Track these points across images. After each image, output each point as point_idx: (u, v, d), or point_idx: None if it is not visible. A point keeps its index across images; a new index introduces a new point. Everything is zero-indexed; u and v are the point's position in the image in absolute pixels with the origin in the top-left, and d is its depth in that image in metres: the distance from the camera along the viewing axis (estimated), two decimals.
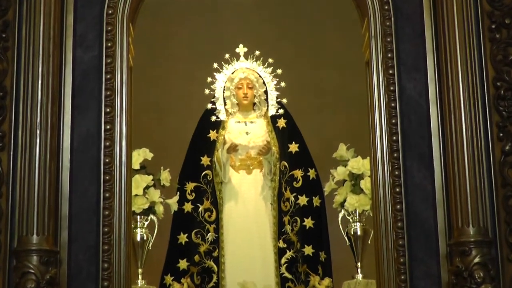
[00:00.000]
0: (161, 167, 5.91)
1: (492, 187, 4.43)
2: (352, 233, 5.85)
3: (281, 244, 6.06)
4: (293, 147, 6.30)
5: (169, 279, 6.06)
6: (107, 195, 4.48)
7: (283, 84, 6.39)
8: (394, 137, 4.56)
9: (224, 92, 6.39)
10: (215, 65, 6.39)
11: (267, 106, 6.38)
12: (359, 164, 5.81)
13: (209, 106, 6.38)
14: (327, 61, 7.67)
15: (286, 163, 6.22)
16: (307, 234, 6.12)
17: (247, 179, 6.22)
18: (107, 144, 4.54)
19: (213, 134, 6.31)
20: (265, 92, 6.38)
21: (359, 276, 5.78)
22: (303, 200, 6.16)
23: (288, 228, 6.10)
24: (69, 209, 4.46)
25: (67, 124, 4.54)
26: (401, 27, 4.68)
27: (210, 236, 6.09)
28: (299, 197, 6.16)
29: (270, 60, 6.40)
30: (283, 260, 6.03)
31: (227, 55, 6.40)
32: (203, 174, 6.22)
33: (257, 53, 6.41)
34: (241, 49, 6.45)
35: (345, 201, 5.84)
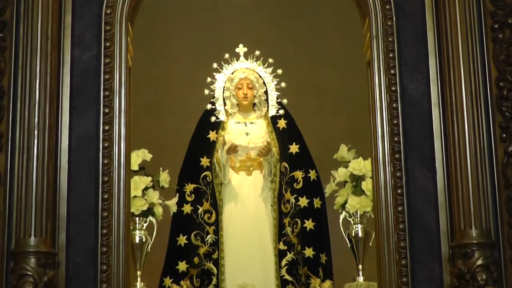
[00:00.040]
0: (160, 168, 5.89)
1: (495, 188, 4.42)
2: (353, 235, 5.83)
3: (282, 246, 6.04)
4: (294, 148, 6.28)
5: (168, 281, 6.04)
6: (105, 197, 4.47)
7: (283, 84, 6.38)
8: (395, 138, 4.55)
9: (224, 92, 6.37)
10: (215, 65, 6.37)
11: (267, 106, 6.36)
12: (360, 165, 5.81)
13: (209, 106, 6.37)
14: (328, 61, 7.67)
15: (286, 164, 6.20)
16: (307, 236, 6.10)
17: (247, 181, 6.21)
18: (106, 145, 4.52)
19: (212, 135, 6.29)
20: (265, 92, 6.37)
21: (360, 278, 5.77)
22: (303, 201, 6.14)
23: (288, 230, 6.08)
24: (67, 210, 4.44)
25: (65, 124, 4.53)
26: (403, 27, 4.67)
27: (209, 238, 6.07)
28: (299, 198, 6.14)
29: (270, 60, 6.38)
30: (284, 262, 6.01)
31: (227, 55, 6.39)
32: (202, 175, 6.20)
33: (257, 53, 6.40)
34: (241, 49, 6.44)
35: (346, 202, 5.83)
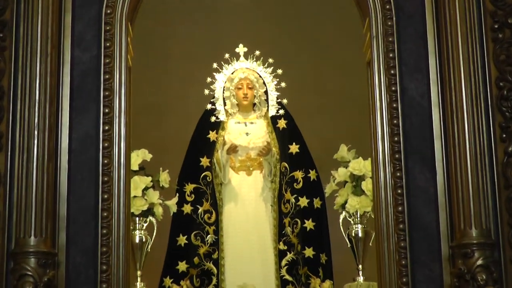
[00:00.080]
0: (160, 168, 5.88)
1: (495, 188, 4.41)
2: (353, 235, 5.82)
3: (282, 246, 6.03)
4: (294, 148, 6.28)
5: (168, 281, 6.04)
6: (105, 197, 4.46)
7: (283, 84, 6.38)
8: (395, 138, 4.54)
9: (223, 92, 6.37)
10: (215, 65, 6.37)
11: (267, 106, 6.36)
12: (360, 165, 5.80)
13: (209, 106, 6.36)
14: (328, 61, 7.66)
15: (286, 164, 6.20)
16: (307, 236, 6.10)
17: (247, 181, 6.20)
18: (106, 145, 4.51)
19: (212, 135, 6.29)
20: (265, 92, 6.37)
21: (360, 278, 5.75)
22: (303, 201, 6.14)
23: (288, 230, 6.08)
24: (67, 210, 4.44)
25: (65, 125, 4.52)
26: (403, 27, 4.67)
27: (209, 238, 6.07)
28: (299, 198, 6.14)
29: (270, 60, 6.38)
30: (284, 262, 6.01)
31: (227, 55, 6.39)
32: (202, 175, 6.20)
33: (257, 53, 6.40)
34: (241, 49, 6.43)
35: (346, 202, 5.81)
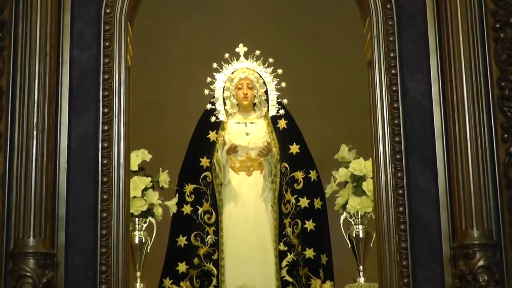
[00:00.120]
0: (160, 169, 5.87)
1: (496, 189, 4.40)
2: (354, 235, 5.82)
3: (282, 247, 6.03)
4: (294, 148, 6.27)
5: (168, 282, 6.03)
6: (105, 197, 4.45)
7: (283, 84, 6.37)
8: (396, 138, 4.54)
9: (223, 92, 6.36)
10: (215, 65, 6.36)
11: (268, 106, 6.35)
12: (361, 165, 5.79)
13: (209, 106, 6.36)
14: (329, 61, 7.65)
15: (286, 165, 6.19)
16: (308, 236, 6.09)
17: (247, 181, 6.20)
18: (105, 145, 4.50)
19: (212, 135, 6.28)
20: (266, 92, 6.36)
21: (361, 279, 5.74)
22: (304, 202, 6.13)
23: (289, 230, 6.07)
24: (66, 211, 4.43)
25: (64, 125, 4.51)
26: (404, 27, 4.66)
27: (209, 238, 6.06)
28: (300, 199, 6.13)
29: (270, 60, 6.38)
30: (284, 263, 6.00)
31: (227, 55, 6.38)
32: (202, 175, 6.19)
33: (257, 52, 6.39)
34: (241, 49, 6.43)
35: (347, 203, 5.81)
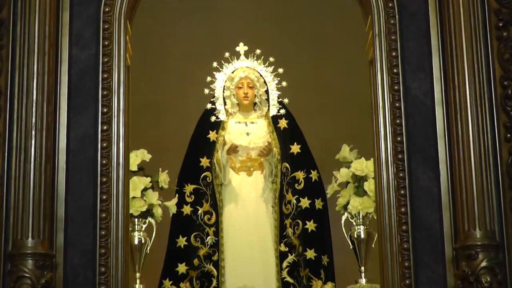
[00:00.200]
0: (159, 169, 5.86)
1: (499, 189, 4.40)
2: (355, 236, 5.81)
3: (283, 247, 6.01)
4: (295, 148, 6.25)
5: (167, 283, 6.02)
6: (104, 197, 4.44)
7: (284, 83, 6.36)
8: (398, 138, 4.53)
9: (224, 91, 6.35)
10: (215, 64, 6.35)
11: (268, 106, 6.33)
12: (363, 165, 5.78)
13: (209, 106, 6.35)
14: (330, 60, 7.65)
15: (287, 165, 6.18)
16: (309, 237, 6.07)
17: (248, 181, 6.18)
18: (104, 145, 4.49)
19: (212, 134, 6.26)
20: (266, 91, 6.34)
21: (363, 280, 5.73)
22: (305, 202, 6.11)
23: (289, 231, 6.06)
24: (65, 211, 4.42)
25: (63, 124, 4.50)
26: (406, 25, 4.65)
27: (209, 239, 6.05)
28: (301, 199, 6.12)
29: (271, 59, 6.36)
30: (285, 264, 5.99)
31: (227, 54, 6.37)
32: (202, 176, 6.17)
33: (258, 51, 6.37)
34: (242, 48, 6.42)
35: (348, 203, 5.80)
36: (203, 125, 6.33)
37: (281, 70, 6.33)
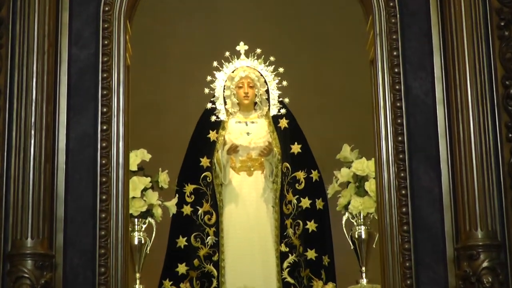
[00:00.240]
0: (159, 169, 5.85)
1: (501, 189, 4.39)
2: (356, 236, 5.79)
3: (283, 248, 6.01)
4: (296, 148, 6.24)
5: (167, 283, 6.01)
6: (103, 198, 4.43)
7: (285, 83, 6.35)
8: (399, 138, 4.52)
9: (224, 91, 6.34)
10: (215, 64, 6.34)
11: (269, 105, 6.33)
12: (364, 165, 5.77)
13: (209, 105, 6.34)
14: (330, 59, 7.65)
15: (288, 165, 6.17)
16: (310, 237, 6.07)
17: (248, 181, 6.17)
18: (104, 145, 4.48)
19: (213, 134, 6.25)
20: (267, 91, 6.33)
21: (364, 281, 5.72)
22: (305, 202, 6.11)
23: (290, 231, 6.05)
24: (64, 211, 4.41)
25: (62, 124, 4.49)
26: (407, 25, 4.65)
27: (209, 239, 6.04)
28: (301, 199, 6.11)
29: (271, 58, 6.36)
30: (285, 264, 5.98)
31: (227, 53, 6.36)
32: (202, 175, 6.17)
33: (258, 51, 6.37)
34: (242, 47, 6.41)
35: (349, 203, 5.79)
36: (203, 125, 6.32)
37: (281, 69, 6.32)
